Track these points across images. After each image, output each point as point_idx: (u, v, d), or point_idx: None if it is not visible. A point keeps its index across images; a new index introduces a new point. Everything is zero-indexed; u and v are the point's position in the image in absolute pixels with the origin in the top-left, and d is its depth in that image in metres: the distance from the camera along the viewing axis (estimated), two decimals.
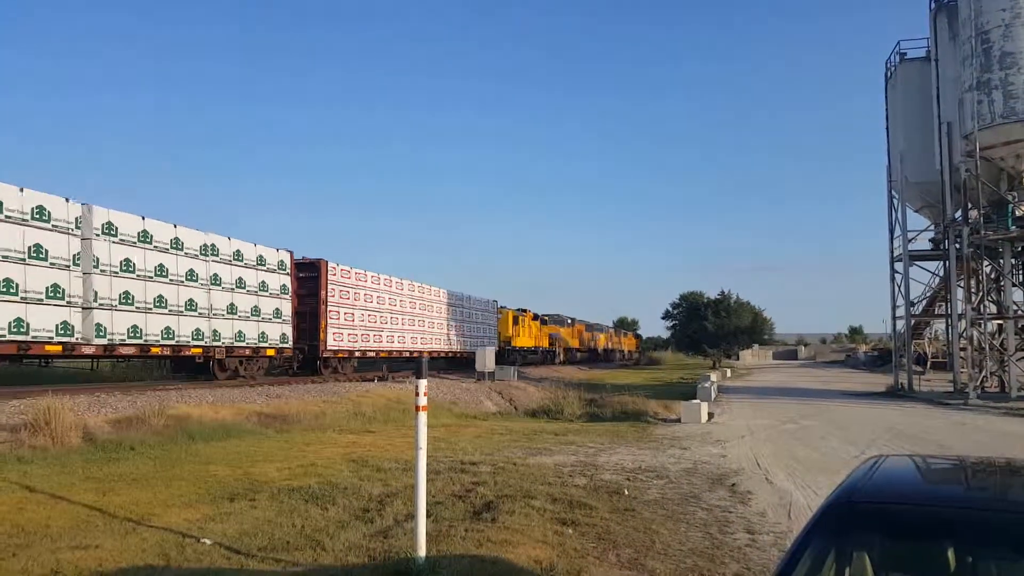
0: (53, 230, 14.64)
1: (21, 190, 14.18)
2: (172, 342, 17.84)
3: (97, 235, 15.89)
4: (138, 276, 16.86)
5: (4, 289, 13.57)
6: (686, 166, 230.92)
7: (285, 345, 22.36)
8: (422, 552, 5.25)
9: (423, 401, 5.42)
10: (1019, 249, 26.30)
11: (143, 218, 17.38)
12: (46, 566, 5.19)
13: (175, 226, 18.42)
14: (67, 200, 15.06)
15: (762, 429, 15.45)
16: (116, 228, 16.46)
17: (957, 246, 26.11)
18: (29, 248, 14.09)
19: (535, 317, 48.40)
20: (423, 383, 5.45)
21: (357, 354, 26.59)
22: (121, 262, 16.47)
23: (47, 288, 14.45)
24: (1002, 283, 26.30)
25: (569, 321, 58.01)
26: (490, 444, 12.60)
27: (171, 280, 17.96)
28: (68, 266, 14.92)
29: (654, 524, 6.87)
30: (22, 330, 13.88)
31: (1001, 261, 25.91)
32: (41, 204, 14.44)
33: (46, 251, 14.43)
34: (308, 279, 24.02)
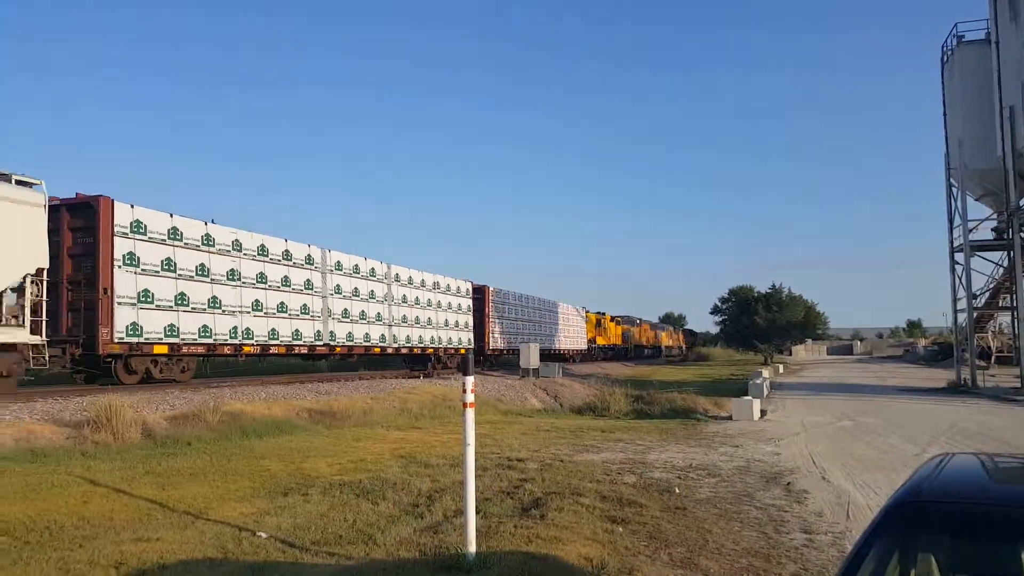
0: (294, 267, 21.63)
1: (310, 246, 22.44)
2: (383, 344, 26.40)
3: (330, 270, 23.33)
4: (353, 297, 24.54)
5: (281, 309, 20.98)
6: (732, 158, 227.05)
7: (469, 345, 32.86)
8: (472, 548, 5.29)
9: (470, 398, 5.45)
10: None
11: (365, 258, 25.60)
12: (111, 558, 5.39)
13: (388, 265, 27.14)
14: (309, 245, 22.45)
15: (817, 426, 15.11)
16: (342, 265, 24.10)
17: (1022, 235, 25.05)
18: (282, 279, 21.10)
19: (612, 319, 58.38)
20: (470, 380, 5.48)
21: (508, 352, 36.78)
22: (353, 289, 24.59)
23: (301, 307, 21.71)
24: None
25: (638, 321, 69.20)
26: (536, 441, 12.61)
27: (373, 300, 25.96)
28: (312, 292, 22.24)
29: (707, 523, 6.78)
30: (296, 337, 21.42)
31: None
32: (288, 249, 21.44)
33: (297, 281, 21.71)
34: (477, 300, 34.82)
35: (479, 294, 35.04)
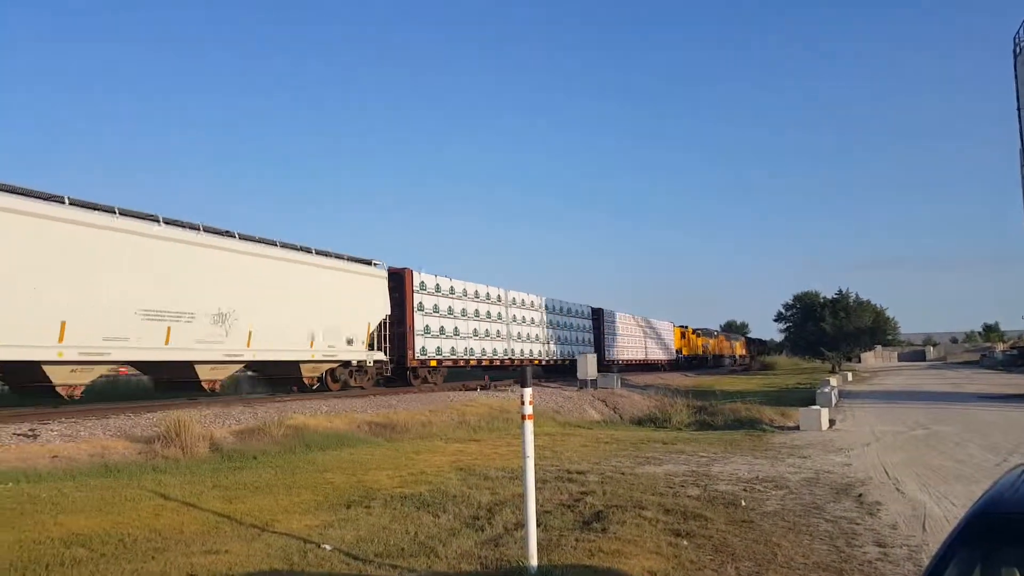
0: (491, 303, 30.51)
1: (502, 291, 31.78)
2: (538, 357, 34.63)
3: (509, 304, 32.38)
4: (523, 323, 33.45)
5: (475, 334, 28.93)
6: (794, 158, 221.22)
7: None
8: (534, 561, 5.27)
9: (528, 410, 5.45)
10: None
11: (529, 294, 34.48)
12: (182, 569, 5.58)
13: (543, 297, 36.21)
14: (500, 288, 31.49)
15: (889, 436, 14.55)
16: (516, 300, 32.99)
17: None
18: (485, 312, 29.94)
19: (693, 331, 64.66)
20: (528, 392, 5.48)
21: (622, 361, 45.89)
22: (517, 317, 32.98)
23: (490, 331, 30.28)
24: None
25: (715, 333, 76.87)
26: (596, 453, 12.52)
27: (532, 324, 34.54)
28: (499, 321, 31.11)
29: (774, 536, 6.60)
30: (494, 353, 30.11)
31: None
32: (477, 290, 29.57)
33: (490, 313, 30.32)
34: (597, 321, 43.56)
35: (596, 315, 43.64)
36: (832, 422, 17.17)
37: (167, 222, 15.77)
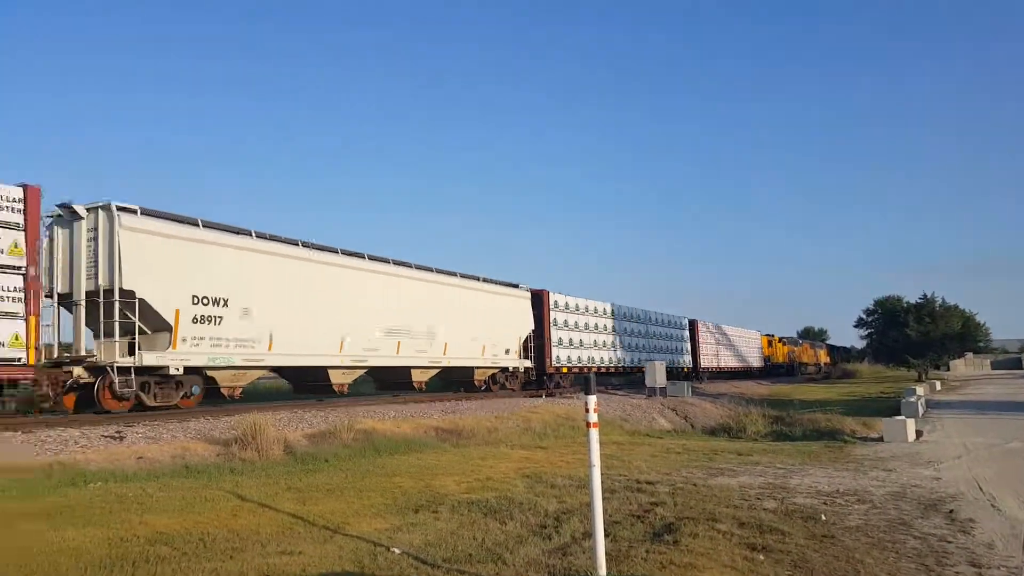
0: (600, 316, 33.82)
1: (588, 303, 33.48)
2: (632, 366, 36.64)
3: (622, 318, 36.17)
4: (629, 335, 36.87)
5: (593, 344, 32.73)
6: (871, 155, 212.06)
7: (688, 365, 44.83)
8: (603, 572, 5.22)
9: (593, 418, 5.42)
10: None
11: (633, 307, 38.16)
12: (258, 569, 5.77)
13: (646, 311, 39.73)
14: (608, 303, 34.71)
15: (982, 448, 13.78)
16: (624, 312, 36.63)
17: None
18: (601, 326, 33.86)
19: (779, 339, 67.19)
20: (592, 399, 5.45)
21: (713, 369, 48.67)
22: (625, 328, 36.47)
23: (603, 342, 33.67)
24: None
25: (800, 341, 79.33)
26: (666, 463, 12.32)
27: (637, 336, 37.97)
28: (609, 332, 34.59)
29: (857, 553, 6.34)
30: (596, 362, 32.68)
31: None
32: (596, 306, 33.54)
33: (596, 326, 33.29)
34: (692, 331, 45.88)
35: (691, 326, 45.78)
36: (919, 433, 16.39)
37: (395, 262, 21.84)
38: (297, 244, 18.41)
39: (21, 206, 13.19)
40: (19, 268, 13.05)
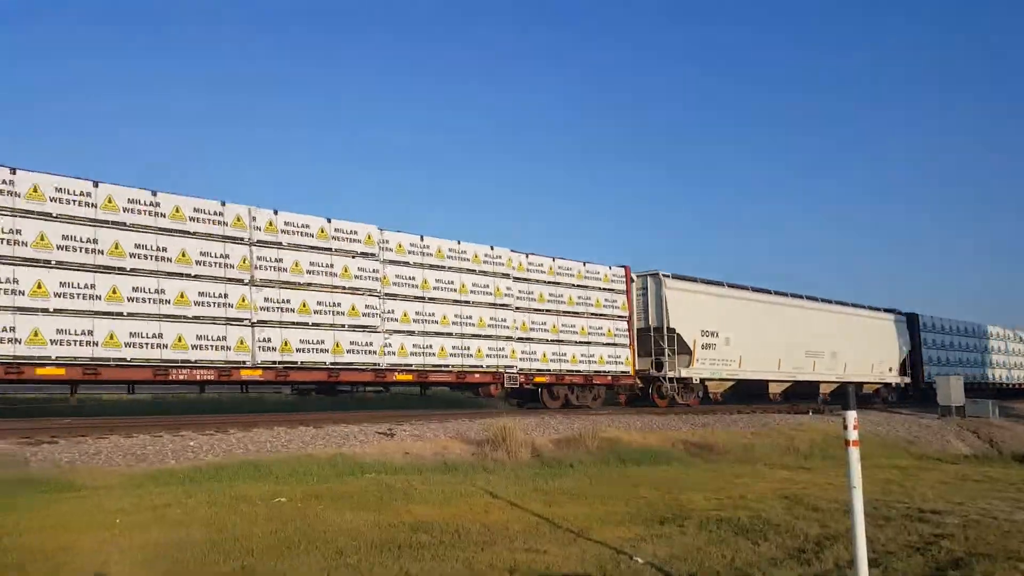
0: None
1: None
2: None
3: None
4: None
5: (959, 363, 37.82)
6: None
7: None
8: None
9: (853, 435, 5.04)
10: None
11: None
12: (506, 562, 6.20)
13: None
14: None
15: None
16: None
17: None
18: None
19: None
20: (852, 415, 5.07)
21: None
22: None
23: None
24: None
25: None
26: (960, 492, 10.87)
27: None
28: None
29: None
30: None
31: None
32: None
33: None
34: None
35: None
36: None
37: (807, 297, 29.69)
38: (747, 288, 26.87)
39: (623, 280, 23.27)
40: (625, 316, 22.95)
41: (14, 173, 12.75)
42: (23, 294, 12.55)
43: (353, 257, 16.89)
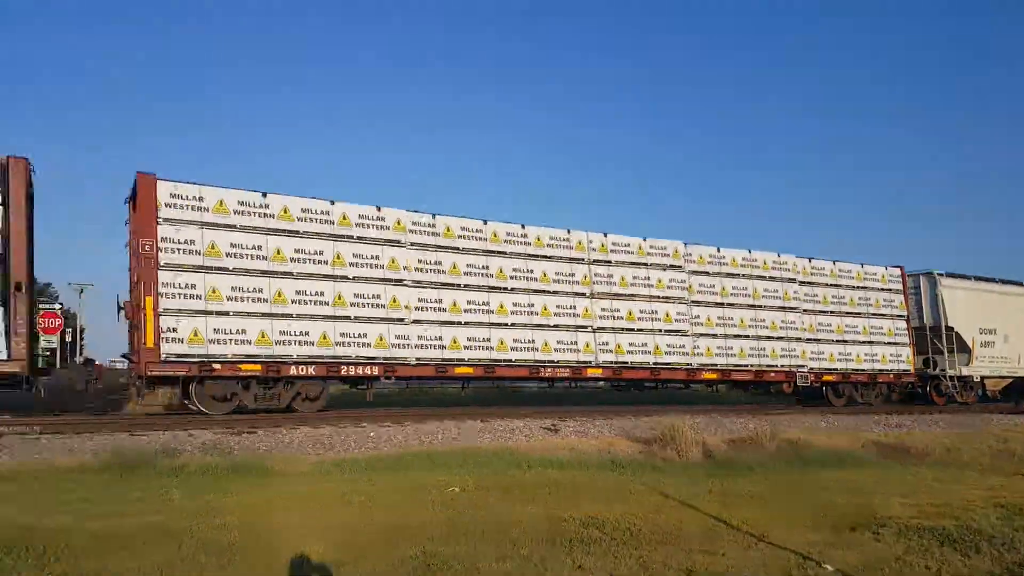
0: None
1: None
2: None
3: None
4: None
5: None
6: None
7: None
8: None
9: None
10: None
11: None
12: (682, 564, 6.03)
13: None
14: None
15: None
16: None
17: None
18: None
19: None
20: None
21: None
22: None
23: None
24: None
25: None
26: None
27: None
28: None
29: None
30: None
31: None
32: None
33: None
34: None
35: None
36: None
37: None
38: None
39: (900, 280, 24.05)
40: (903, 316, 23.69)
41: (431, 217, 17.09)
42: (445, 310, 16.62)
43: (664, 270, 19.72)
